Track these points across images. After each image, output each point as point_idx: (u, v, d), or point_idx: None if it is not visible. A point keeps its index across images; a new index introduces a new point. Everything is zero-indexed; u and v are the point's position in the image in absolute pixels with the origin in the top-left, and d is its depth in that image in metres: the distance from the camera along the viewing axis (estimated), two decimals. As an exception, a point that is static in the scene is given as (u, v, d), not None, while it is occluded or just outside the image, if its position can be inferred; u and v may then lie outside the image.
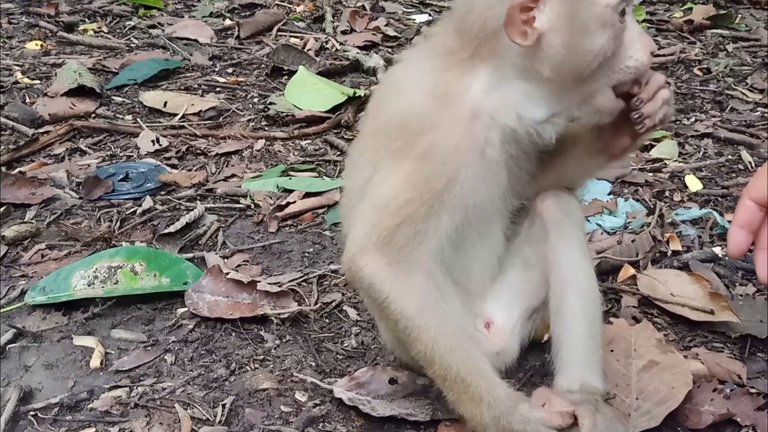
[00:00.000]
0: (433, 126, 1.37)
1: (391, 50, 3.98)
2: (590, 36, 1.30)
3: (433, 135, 1.36)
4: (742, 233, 1.23)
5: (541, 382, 1.70)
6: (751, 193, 1.23)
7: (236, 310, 1.92)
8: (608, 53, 1.31)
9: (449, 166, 1.36)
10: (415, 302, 1.39)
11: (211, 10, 4.51)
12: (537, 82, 1.36)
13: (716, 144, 2.97)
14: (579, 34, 1.30)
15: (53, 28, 4.05)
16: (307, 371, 1.75)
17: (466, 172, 1.37)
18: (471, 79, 1.38)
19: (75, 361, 1.79)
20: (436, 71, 1.40)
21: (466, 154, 1.36)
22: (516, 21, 1.29)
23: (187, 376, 1.73)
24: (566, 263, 1.56)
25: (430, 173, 1.36)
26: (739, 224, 1.23)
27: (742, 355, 1.79)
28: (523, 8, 1.29)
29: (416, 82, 1.42)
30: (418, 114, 1.38)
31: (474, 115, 1.37)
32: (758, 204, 1.22)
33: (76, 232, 2.27)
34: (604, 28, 1.30)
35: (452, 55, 1.39)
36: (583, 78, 1.34)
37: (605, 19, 1.30)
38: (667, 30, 4.40)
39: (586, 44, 1.30)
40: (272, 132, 3.03)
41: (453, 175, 1.36)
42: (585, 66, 1.32)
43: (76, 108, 3.10)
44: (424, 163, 1.37)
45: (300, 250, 2.26)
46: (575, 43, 1.30)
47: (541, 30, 1.30)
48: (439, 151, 1.36)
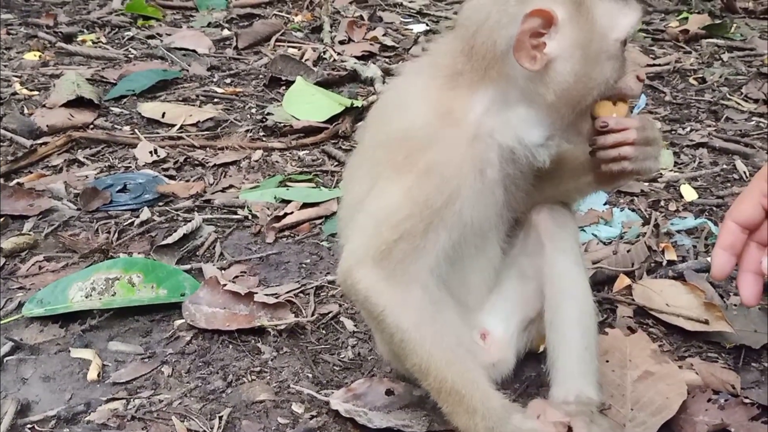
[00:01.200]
0: (436, 143, 1.38)
1: (389, 60, 4.00)
2: (599, 66, 1.35)
3: (435, 152, 1.38)
4: (725, 255, 1.24)
5: (537, 393, 1.70)
6: (734, 216, 1.24)
7: (233, 322, 1.93)
8: (611, 83, 1.36)
9: (450, 184, 1.37)
10: (411, 316, 1.40)
11: (209, 21, 4.53)
12: (537, 106, 1.38)
13: (711, 153, 2.99)
14: (589, 63, 1.34)
15: (52, 39, 4.07)
16: (304, 383, 1.76)
17: (467, 190, 1.38)
18: (475, 100, 1.39)
19: (72, 373, 1.79)
20: (441, 89, 1.41)
21: (467, 172, 1.38)
22: (526, 46, 1.31)
23: (184, 388, 1.74)
24: (561, 275, 1.58)
25: (431, 190, 1.37)
26: (723, 246, 1.25)
27: (737, 366, 1.80)
28: (534, 34, 1.31)
29: (420, 99, 1.43)
30: (421, 130, 1.39)
31: (476, 135, 1.39)
32: (741, 226, 1.24)
33: (74, 244, 2.27)
34: (610, 60, 1.35)
35: (458, 75, 1.40)
36: (582, 105, 1.38)
37: (613, 51, 1.35)
38: (662, 39, 4.42)
39: (594, 74, 1.35)
40: (270, 142, 3.04)
41: (453, 192, 1.38)
42: (589, 94, 1.37)
43: (74, 119, 3.12)
44: (425, 180, 1.38)
45: (297, 261, 2.27)
46: (584, 73, 1.34)
47: (551, 56, 1.33)
48: (440, 168, 1.37)
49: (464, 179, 1.38)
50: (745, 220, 1.23)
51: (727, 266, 1.25)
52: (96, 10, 4.71)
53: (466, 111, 1.39)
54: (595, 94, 1.37)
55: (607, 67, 1.36)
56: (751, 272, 1.25)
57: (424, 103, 1.42)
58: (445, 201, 1.38)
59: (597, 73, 1.35)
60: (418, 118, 1.41)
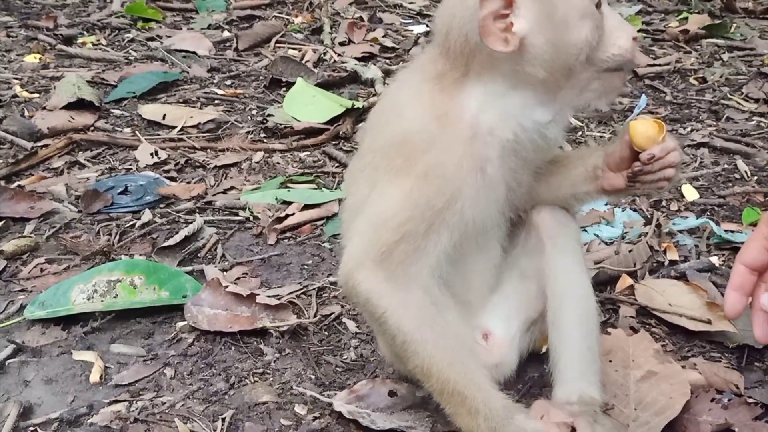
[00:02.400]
0: (434, 145, 1.38)
1: (390, 61, 4.00)
2: (572, 29, 1.33)
3: (434, 154, 1.38)
4: (736, 295, 1.28)
5: (540, 394, 1.70)
6: (743, 258, 1.28)
7: (235, 323, 1.93)
8: (593, 43, 1.34)
9: (450, 185, 1.37)
10: (412, 317, 1.40)
11: (209, 22, 4.53)
12: (531, 86, 1.37)
13: (712, 153, 2.99)
14: (561, 29, 1.33)
15: (52, 41, 4.07)
16: (307, 384, 1.76)
17: (467, 189, 1.38)
18: (467, 98, 1.39)
19: (74, 375, 1.79)
20: (433, 92, 1.41)
21: (467, 172, 1.38)
22: (492, 30, 1.31)
23: (187, 390, 1.74)
24: (562, 275, 1.57)
25: (431, 191, 1.38)
26: (733, 287, 1.29)
27: (740, 365, 1.80)
28: (498, 16, 1.31)
29: (415, 103, 1.43)
30: (419, 134, 1.40)
31: (474, 134, 1.38)
32: (749, 268, 1.27)
33: (75, 246, 2.27)
34: (584, 19, 1.33)
35: (444, 77, 1.41)
36: (574, 72, 1.36)
37: (584, 10, 1.33)
38: (663, 40, 4.42)
39: (570, 38, 1.33)
40: (271, 144, 3.04)
41: (454, 193, 1.38)
42: (574, 59, 1.34)
43: (74, 121, 3.12)
44: (425, 182, 1.38)
45: (299, 262, 2.27)
46: (559, 39, 1.33)
47: (522, 33, 1.32)
48: (439, 170, 1.38)
49: (464, 179, 1.38)
50: (751, 262, 1.27)
51: (739, 305, 1.29)
52: (96, 12, 4.71)
53: (461, 110, 1.39)
54: (582, 57, 1.34)
55: (582, 27, 1.33)
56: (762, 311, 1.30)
57: (418, 107, 1.42)
58: (446, 202, 1.38)
59: (574, 36, 1.33)
60: (414, 122, 1.41)
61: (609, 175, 1.49)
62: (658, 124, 1.41)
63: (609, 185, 1.50)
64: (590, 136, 3.12)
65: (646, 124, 1.41)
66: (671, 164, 1.42)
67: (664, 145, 1.41)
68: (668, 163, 1.42)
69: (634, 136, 1.41)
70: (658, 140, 1.40)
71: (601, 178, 1.50)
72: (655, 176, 1.44)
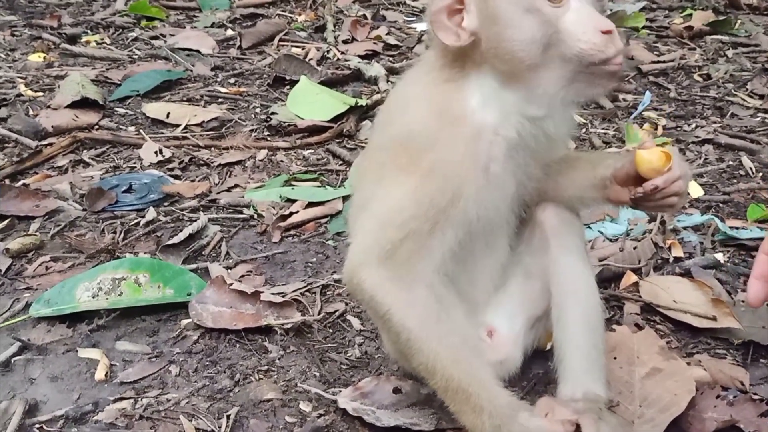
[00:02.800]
0: (437, 143, 1.38)
1: (393, 59, 4.00)
2: (514, 25, 1.31)
3: (437, 152, 1.38)
4: (759, 284, 1.29)
5: (544, 391, 1.70)
6: (765, 248, 1.29)
7: (240, 321, 1.93)
8: (544, 39, 1.31)
9: (453, 183, 1.37)
10: (416, 315, 1.40)
11: (213, 21, 4.53)
12: (515, 81, 1.36)
13: (717, 150, 2.98)
14: (503, 24, 1.32)
15: (56, 40, 4.08)
16: (311, 381, 1.76)
17: (470, 188, 1.38)
18: (468, 95, 1.39)
19: (80, 373, 1.80)
20: (437, 90, 1.41)
21: (470, 170, 1.38)
22: (445, 25, 1.34)
23: (192, 388, 1.74)
24: (567, 272, 1.57)
25: (435, 190, 1.38)
26: (756, 276, 1.30)
27: (745, 362, 1.80)
28: (452, 11, 1.34)
29: (420, 100, 1.43)
30: (422, 132, 1.40)
31: (477, 132, 1.38)
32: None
33: (80, 244, 2.28)
34: (527, 14, 1.30)
35: (447, 74, 1.41)
36: (534, 66, 1.33)
37: (527, 5, 1.30)
38: (667, 36, 4.42)
39: (513, 34, 1.31)
40: (275, 142, 3.04)
41: (457, 191, 1.37)
42: (523, 54, 1.32)
43: (79, 120, 3.12)
44: (429, 180, 1.38)
45: (303, 259, 2.27)
46: (502, 33, 1.32)
47: (471, 28, 1.33)
48: (443, 168, 1.37)
49: (467, 177, 1.38)
50: None
51: (761, 294, 1.29)
52: (100, 11, 4.72)
53: (463, 108, 1.38)
54: (533, 52, 1.31)
55: (526, 22, 1.30)
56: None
57: (423, 104, 1.42)
58: (450, 200, 1.37)
59: (516, 32, 1.31)
60: (418, 120, 1.41)
61: (616, 188, 1.48)
62: (665, 154, 1.40)
63: (615, 197, 1.50)
64: (594, 133, 3.12)
65: (653, 155, 1.40)
66: (675, 193, 1.42)
67: (669, 176, 1.39)
68: (671, 193, 1.41)
69: (640, 165, 1.41)
70: (663, 171, 1.39)
71: (608, 188, 1.50)
72: (658, 203, 1.44)
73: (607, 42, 1.31)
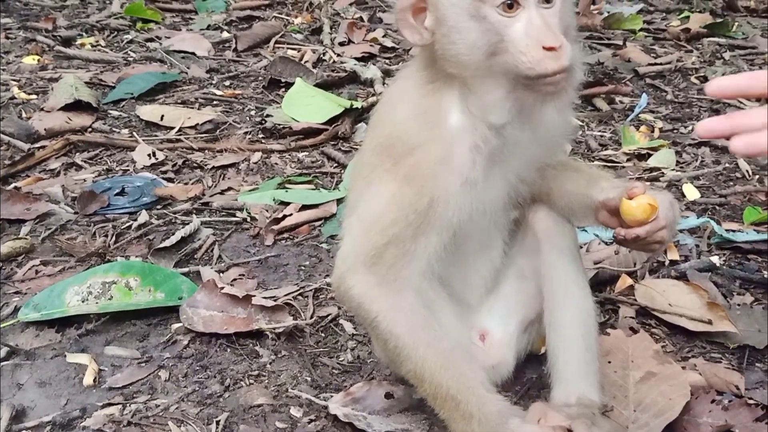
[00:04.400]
0: (417, 147, 1.37)
1: (389, 61, 3.98)
2: (459, 29, 1.30)
3: (417, 156, 1.37)
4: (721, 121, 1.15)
5: (538, 395, 1.68)
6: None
7: (231, 325, 1.91)
8: (487, 46, 1.29)
9: (431, 187, 1.36)
10: (404, 322, 1.39)
11: (208, 23, 4.52)
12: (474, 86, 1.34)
13: (713, 152, 2.97)
14: (448, 27, 1.31)
15: (50, 43, 4.06)
16: (303, 387, 1.74)
17: (448, 192, 1.36)
18: (446, 100, 1.37)
19: (68, 378, 1.78)
20: (421, 94, 1.40)
21: (447, 175, 1.36)
22: (408, 23, 1.35)
23: (181, 393, 1.72)
24: (559, 275, 1.56)
25: (414, 194, 1.36)
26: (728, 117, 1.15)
27: (740, 366, 1.78)
28: (417, 9, 1.34)
29: (405, 104, 1.42)
30: (403, 136, 1.39)
31: (456, 136, 1.36)
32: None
33: (71, 248, 2.26)
34: (472, 20, 1.29)
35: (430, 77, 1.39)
36: (479, 72, 1.32)
37: (472, 12, 1.29)
38: (664, 39, 4.40)
39: (457, 38, 1.31)
40: (269, 144, 3.02)
41: (435, 195, 1.36)
42: (466, 59, 1.31)
43: (72, 122, 3.10)
44: (408, 185, 1.37)
45: (296, 263, 2.25)
46: (448, 36, 1.32)
47: (430, 28, 1.34)
48: (421, 172, 1.36)
49: (445, 181, 1.36)
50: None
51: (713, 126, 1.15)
52: (95, 13, 4.70)
53: (443, 111, 1.37)
54: (476, 57, 1.30)
55: (469, 29, 1.29)
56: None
57: (407, 107, 1.41)
58: (428, 204, 1.36)
59: (460, 36, 1.30)
60: (401, 124, 1.41)
61: (605, 213, 1.48)
62: (650, 207, 1.39)
63: (604, 222, 1.49)
64: (590, 136, 3.10)
65: (638, 209, 1.40)
66: (657, 242, 1.41)
67: (652, 227, 1.39)
68: (654, 241, 1.41)
69: (624, 215, 1.41)
70: (648, 221, 1.39)
71: (599, 212, 1.49)
72: (640, 247, 1.45)
73: (547, 59, 1.27)
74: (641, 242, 1.42)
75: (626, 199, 1.41)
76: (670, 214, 1.42)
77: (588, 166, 1.76)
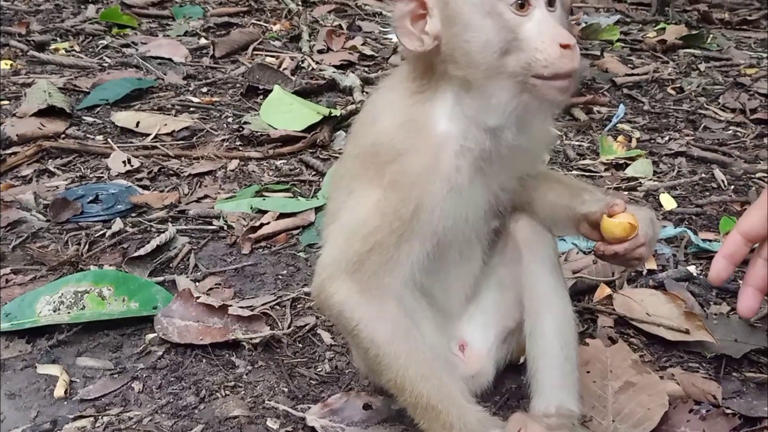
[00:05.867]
0: (401, 154, 1.35)
1: (368, 69, 3.98)
2: (473, 28, 1.28)
3: (401, 163, 1.35)
4: (724, 263, 1.31)
5: (518, 405, 1.67)
6: (741, 227, 1.30)
7: (207, 335, 1.88)
8: (503, 45, 1.27)
9: (416, 194, 1.35)
10: (385, 330, 1.37)
11: (186, 29, 4.48)
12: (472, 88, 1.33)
13: (690, 162, 3.00)
14: (461, 26, 1.29)
15: (24, 47, 4.00)
16: (279, 398, 1.71)
17: (433, 199, 1.35)
18: (433, 105, 1.36)
19: (38, 390, 1.73)
20: (405, 100, 1.39)
21: (433, 182, 1.35)
22: (408, 30, 1.32)
23: (155, 405, 1.68)
24: (539, 285, 1.55)
25: (398, 201, 1.35)
26: (724, 254, 1.31)
27: (718, 375, 1.78)
28: (415, 17, 1.32)
29: (388, 112, 1.41)
30: (387, 143, 1.37)
31: (441, 143, 1.35)
32: (745, 238, 1.29)
33: (43, 256, 2.21)
34: (487, 17, 1.27)
35: (415, 83, 1.38)
36: (494, 74, 1.30)
37: (487, 9, 1.28)
38: (641, 50, 4.46)
39: (471, 36, 1.28)
40: (247, 152, 2.99)
41: (420, 203, 1.35)
42: (479, 58, 1.29)
43: (45, 128, 3.05)
44: (393, 191, 1.35)
45: (273, 272, 2.23)
46: (460, 35, 1.29)
47: (434, 32, 1.31)
48: (406, 178, 1.35)
49: (430, 188, 1.35)
50: (749, 231, 1.28)
51: (724, 273, 1.31)
52: (70, 18, 4.64)
53: (428, 118, 1.36)
54: (490, 58, 1.28)
55: (484, 26, 1.27)
56: (753, 287, 1.32)
57: (391, 115, 1.39)
58: (413, 211, 1.35)
59: (475, 35, 1.28)
60: (384, 131, 1.39)
61: (586, 225, 1.47)
62: (630, 225, 1.39)
63: (585, 234, 1.49)
64: (569, 145, 3.12)
65: (617, 227, 1.39)
66: (636, 258, 1.42)
67: (631, 244, 1.39)
68: (633, 258, 1.41)
69: (605, 231, 1.41)
70: (627, 239, 1.40)
71: (580, 224, 1.48)
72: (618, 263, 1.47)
73: (564, 56, 1.27)
74: (620, 258, 1.42)
75: (606, 217, 1.41)
76: (650, 231, 1.42)
77: (569, 178, 1.76)
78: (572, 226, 1.50)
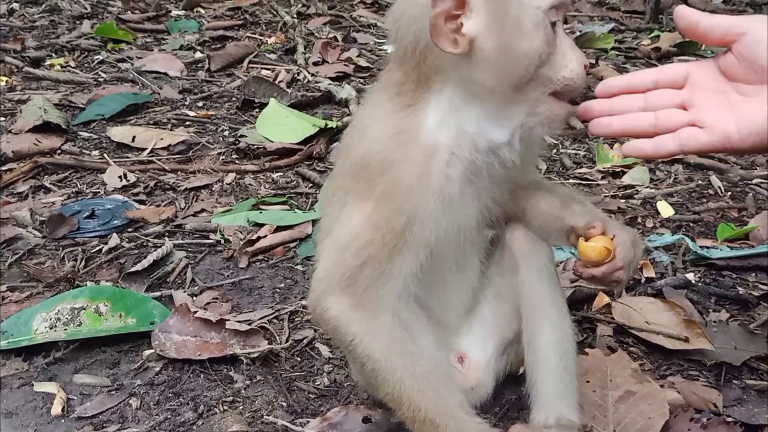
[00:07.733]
0: (391, 166, 1.34)
1: (364, 81, 3.98)
2: (523, 36, 1.26)
3: (391, 175, 1.34)
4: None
5: (517, 417, 1.67)
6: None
7: (205, 351, 1.87)
8: (543, 57, 1.27)
9: (407, 206, 1.34)
10: (381, 345, 1.37)
11: (181, 43, 4.49)
12: (483, 99, 1.32)
13: (686, 169, 3.00)
14: (513, 34, 1.26)
15: (19, 64, 4.00)
16: (278, 412, 1.70)
17: (425, 211, 1.35)
18: (424, 115, 1.35)
19: (36, 408, 1.72)
20: (394, 110, 1.37)
21: (424, 192, 1.34)
22: (443, 30, 1.25)
23: (153, 421, 1.67)
24: (537, 295, 1.54)
25: (390, 213, 1.34)
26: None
27: (718, 383, 1.78)
28: (449, 17, 1.26)
29: (377, 123, 1.39)
30: (377, 155, 1.36)
31: (431, 153, 1.34)
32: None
33: (39, 273, 2.20)
34: (537, 29, 1.26)
35: (403, 91, 1.36)
36: (521, 85, 1.30)
37: (537, 20, 1.26)
38: (635, 57, 4.47)
39: (521, 45, 1.26)
40: (243, 165, 2.99)
41: (412, 214, 1.34)
42: (522, 69, 1.28)
43: (41, 144, 3.05)
44: (384, 204, 1.35)
45: (271, 285, 2.22)
46: (510, 44, 1.27)
47: (472, 35, 1.26)
48: (397, 190, 1.34)
49: (421, 199, 1.34)
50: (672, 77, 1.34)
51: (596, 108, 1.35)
52: (65, 33, 4.65)
53: (418, 128, 1.34)
54: (531, 69, 1.28)
55: (534, 37, 1.26)
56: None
57: (380, 127, 1.38)
58: (405, 223, 1.34)
59: (525, 43, 1.26)
60: (374, 143, 1.37)
61: (575, 238, 1.46)
62: (605, 249, 1.39)
63: (574, 245, 1.47)
64: (565, 154, 3.12)
65: (593, 251, 1.39)
66: (614, 281, 1.41)
67: (608, 267, 1.39)
68: (610, 280, 1.41)
69: (581, 254, 1.41)
70: (604, 262, 1.39)
71: (570, 235, 1.48)
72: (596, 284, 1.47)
73: (584, 76, 1.32)
74: (598, 281, 1.42)
75: (582, 240, 1.41)
76: (630, 254, 1.41)
77: (562, 187, 1.75)
78: (563, 237, 1.49)
